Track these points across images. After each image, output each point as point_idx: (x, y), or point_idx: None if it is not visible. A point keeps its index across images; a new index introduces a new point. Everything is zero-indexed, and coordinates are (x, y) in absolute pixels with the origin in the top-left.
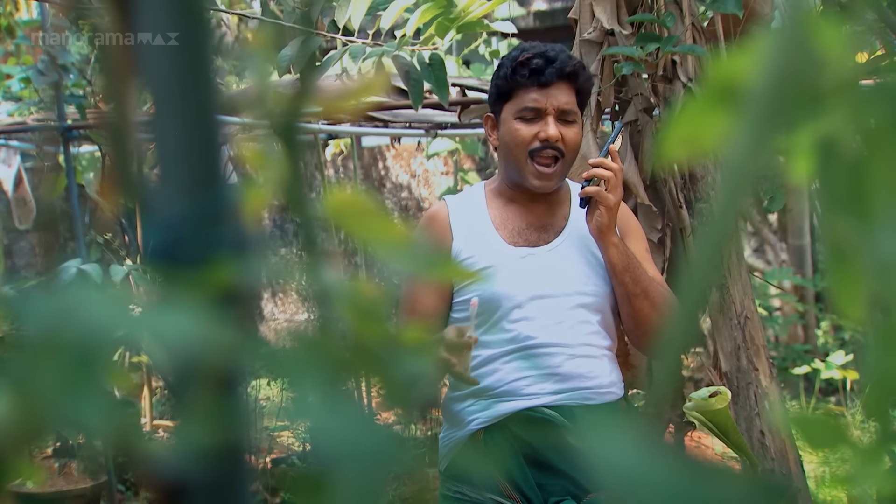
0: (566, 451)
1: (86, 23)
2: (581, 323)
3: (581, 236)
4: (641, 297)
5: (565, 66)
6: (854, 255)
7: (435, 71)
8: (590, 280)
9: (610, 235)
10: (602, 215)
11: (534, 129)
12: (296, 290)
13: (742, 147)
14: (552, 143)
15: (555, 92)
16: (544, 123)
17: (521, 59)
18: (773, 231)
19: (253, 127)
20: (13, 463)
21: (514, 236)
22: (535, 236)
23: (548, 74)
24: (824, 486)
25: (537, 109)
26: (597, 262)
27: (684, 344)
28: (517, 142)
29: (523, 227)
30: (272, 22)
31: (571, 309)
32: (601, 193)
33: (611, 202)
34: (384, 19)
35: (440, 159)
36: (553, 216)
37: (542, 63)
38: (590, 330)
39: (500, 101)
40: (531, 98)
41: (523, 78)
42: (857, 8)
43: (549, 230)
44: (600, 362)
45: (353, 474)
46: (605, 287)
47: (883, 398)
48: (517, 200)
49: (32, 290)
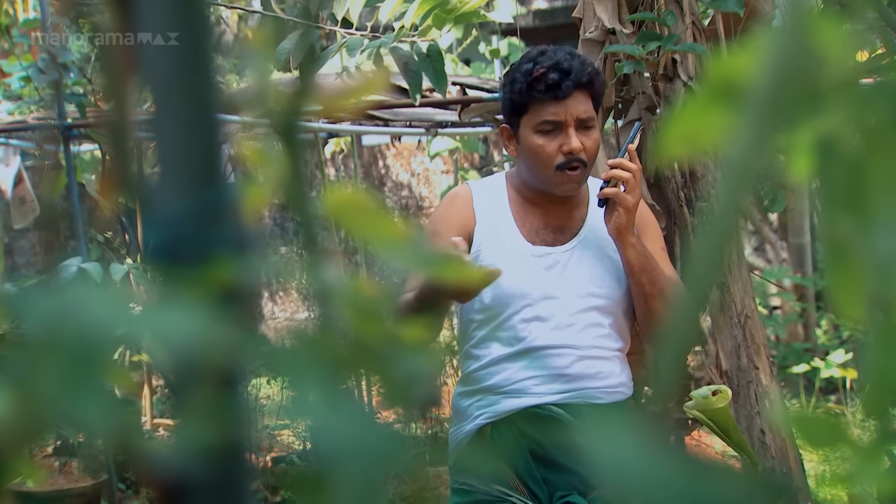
0: (572, 448)
1: (86, 21)
2: (592, 325)
3: (597, 238)
4: (658, 298)
5: (581, 77)
6: (853, 253)
7: (433, 62)
8: (603, 283)
9: (628, 236)
10: (621, 216)
11: (556, 143)
12: (296, 288)
13: (742, 145)
14: (576, 155)
15: (572, 103)
16: (566, 136)
17: (535, 75)
18: (773, 230)
19: (253, 125)
20: (13, 461)
21: (532, 235)
22: (551, 237)
23: (565, 88)
24: (824, 485)
25: (557, 122)
26: (612, 264)
27: (686, 342)
28: (541, 158)
29: (541, 227)
30: (272, 16)
31: (583, 311)
32: (620, 195)
33: (629, 203)
34: (382, 11)
35: (440, 158)
36: (570, 218)
37: (558, 77)
38: (601, 332)
39: (515, 115)
40: (550, 112)
41: (540, 93)
42: (857, 6)
43: (565, 231)
44: (610, 363)
45: (353, 473)
46: (618, 290)
47: (883, 397)
48: (537, 201)
49: (33, 288)
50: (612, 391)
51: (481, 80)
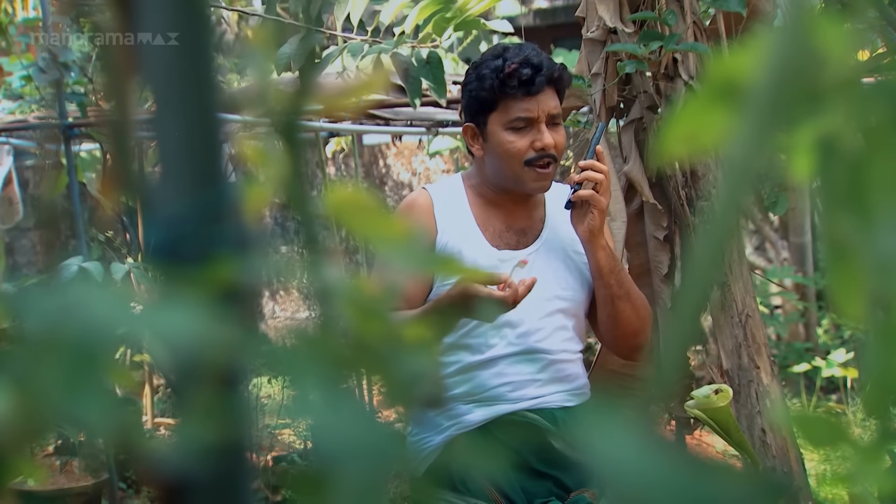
0: (549, 453)
1: (87, 21)
2: (558, 329)
3: (558, 239)
4: (624, 299)
5: (553, 72)
6: (854, 253)
7: (433, 69)
8: (567, 285)
9: (600, 238)
10: (595, 218)
11: (527, 139)
12: (297, 288)
13: (743, 145)
14: (548, 151)
15: (543, 98)
16: (537, 132)
17: (507, 71)
18: (774, 229)
19: (254, 125)
20: (14, 461)
21: (495, 238)
22: (514, 239)
23: (537, 83)
24: (825, 484)
25: (529, 119)
26: (574, 266)
27: (687, 341)
28: (512, 154)
29: (503, 230)
30: (273, 19)
31: (549, 314)
32: (594, 196)
33: (603, 205)
34: (383, 15)
35: (441, 157)
36: (531, 219)
37: (531, 72)
38: (566, 336)
39: (483, 112)
40: (522, 108)
41: (512, 89)
42: (858, 6)
43: (527, 233)
44: (575, 366)
45: (354, 472)
46: (581, 292)
47: (883, 396)
48: (498, 202)
49: (34, 287)
50: (579, 393)
51: None
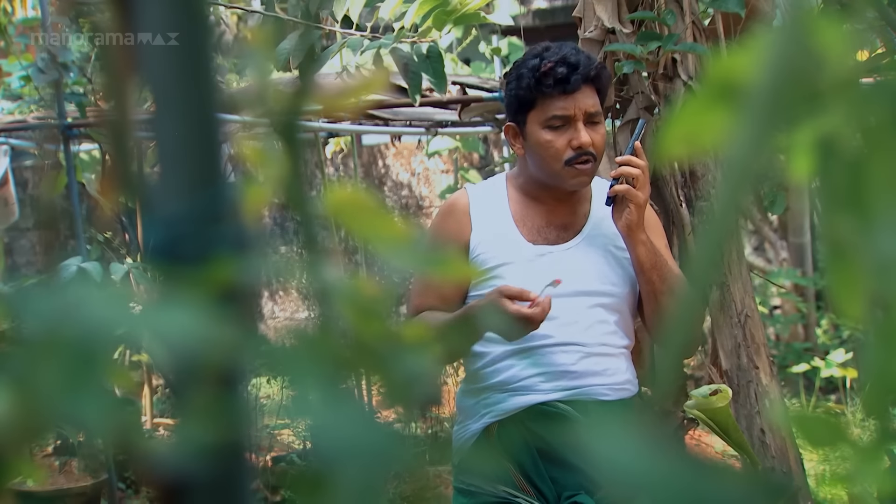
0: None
1: (86, 21)
2: (598, 322)
3: (601, 235)
4: (668, 294)
5: (589, 70)
6: (854, 253)
7: (433, 63)
8: (608, 279)
9: (639, 233)
10: (632, 213)
11: (565, 138)
12: (296, 288)
13: (742, 145)
14: (586, 149)
15: (581, 97)
16: (575, 130)
17: (543, 70)
18: (773, 229)
19: (253, 125)
20: (14, 461)
21: (533, 234)
22: (554, 235)
23: (573, 82)
24: (824, 485)
25: (566, 117)
26: (616, 261)
27: (686, 341)
28: (551, 153)
29: (543, 226)
30: (272, 16)
31: (589, 308)
32: (631, 191)
33: (641, 200)
34: (382, 10)
35: (440, 157)
36: (574, 215)
37: (567, 71)
38: (607, 329)
39: (522, 111)
40: (558, 106)
41: (548, 88)
42: (857, 6)
43: (568, 229)
44: (616, 360)
45: (353, 472)
46: (623, 287)
47: (882, 396)
48: (541, 199)
49: (33, 287)
50: (618, 388)
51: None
